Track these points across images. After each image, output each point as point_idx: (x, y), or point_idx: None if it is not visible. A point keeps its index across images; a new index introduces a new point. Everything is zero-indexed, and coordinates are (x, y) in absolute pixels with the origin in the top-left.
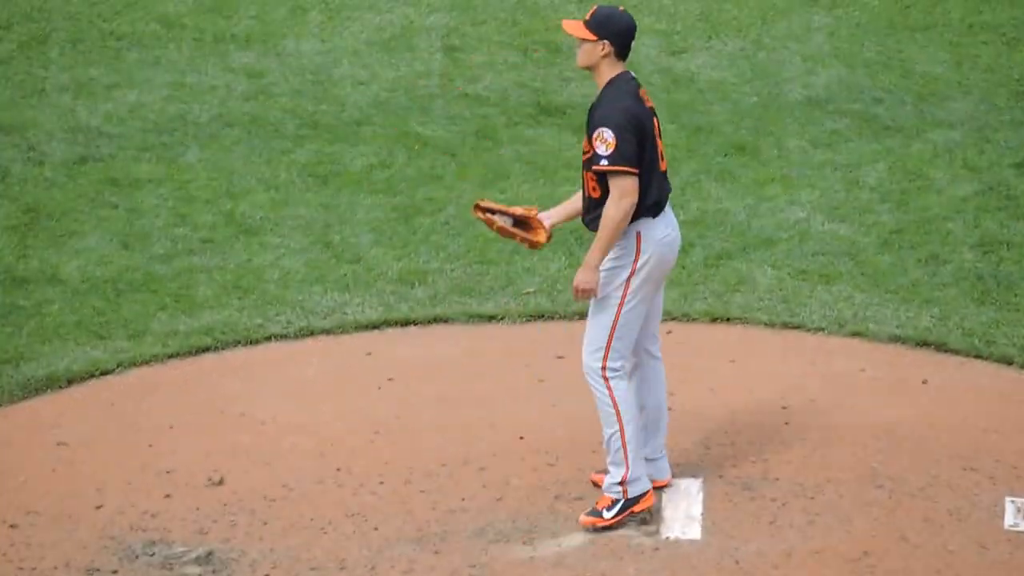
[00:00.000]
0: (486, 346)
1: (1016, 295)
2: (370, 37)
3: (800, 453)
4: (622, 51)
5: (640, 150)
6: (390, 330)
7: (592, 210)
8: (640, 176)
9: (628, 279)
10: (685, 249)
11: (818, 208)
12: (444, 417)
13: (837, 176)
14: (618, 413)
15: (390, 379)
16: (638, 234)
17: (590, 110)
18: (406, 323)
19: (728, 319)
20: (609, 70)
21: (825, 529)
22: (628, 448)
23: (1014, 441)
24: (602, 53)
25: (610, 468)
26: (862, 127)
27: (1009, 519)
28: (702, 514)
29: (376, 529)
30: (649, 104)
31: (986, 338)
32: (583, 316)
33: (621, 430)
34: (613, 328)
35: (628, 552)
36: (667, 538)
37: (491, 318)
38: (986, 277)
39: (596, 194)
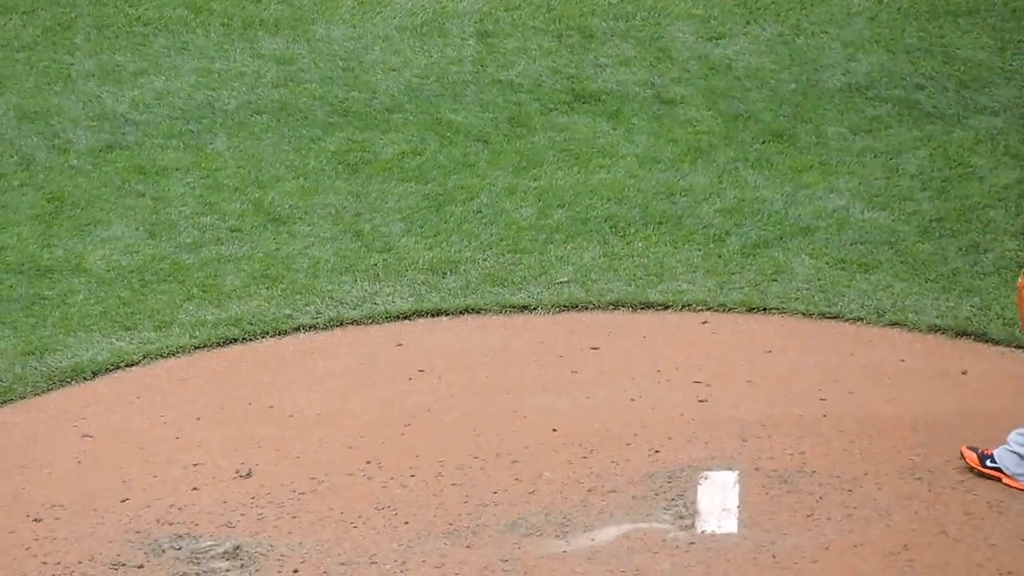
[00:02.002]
0: (518, 337)
1: None
2: (402, 22)
3: (838, 446)
4: None
5: None
6: (421, 320)
7: None
8: None
9: None
10: (721, 238)
11: (857, 196)
12: (476, 409)
13: (877, 163)
14: None
15: (421, 370)
16: None
17: None
18: (437, 313)
19: (765, 309)
20: None
21: (863, 522)
22: None
23: None
24: None
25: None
26: (903, 114)
27: None
28: (738, 507)
29: (407, 523)
30: None
31: None
32: (617, 306)
33: None
34: None
35: (663, 546)
36: (702, 532)
37: (524, 308)
38: None
39: None
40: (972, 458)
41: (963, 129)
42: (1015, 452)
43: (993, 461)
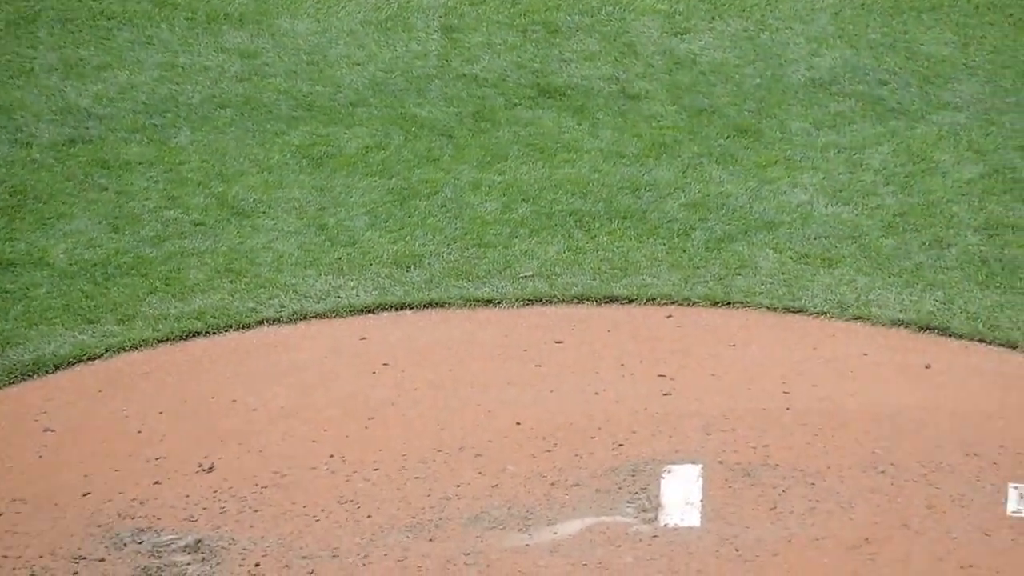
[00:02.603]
0: (482, 331)
1: (1021, 279)
2: (366, 17)
3: (801, 439)
4: None
5: None
6: (385, 314)
7: None
8: None
9: None
10: (686, 232)
11: (821, 191)
12: (439, 403)
13: (841, 158)
14: None
15: (385, 364)
16: None
17: None
18: (401, 307)
19: (729, 303)
20: None
21: (826, 515)
22: None
23: (1018, 427)
24: None
25: None
26: (866, 109)
27: (1012, 505)
28: (701, 501)
29: (369, 517)
30: None
31: (990, 322)
32: (582, 300)
33: None
34: None
35: (626, 539)
36: (665, 525)
37: (488, 302)
38: (991, 260)
39: None
40: None
41: (926, 124)
42: None
43: None
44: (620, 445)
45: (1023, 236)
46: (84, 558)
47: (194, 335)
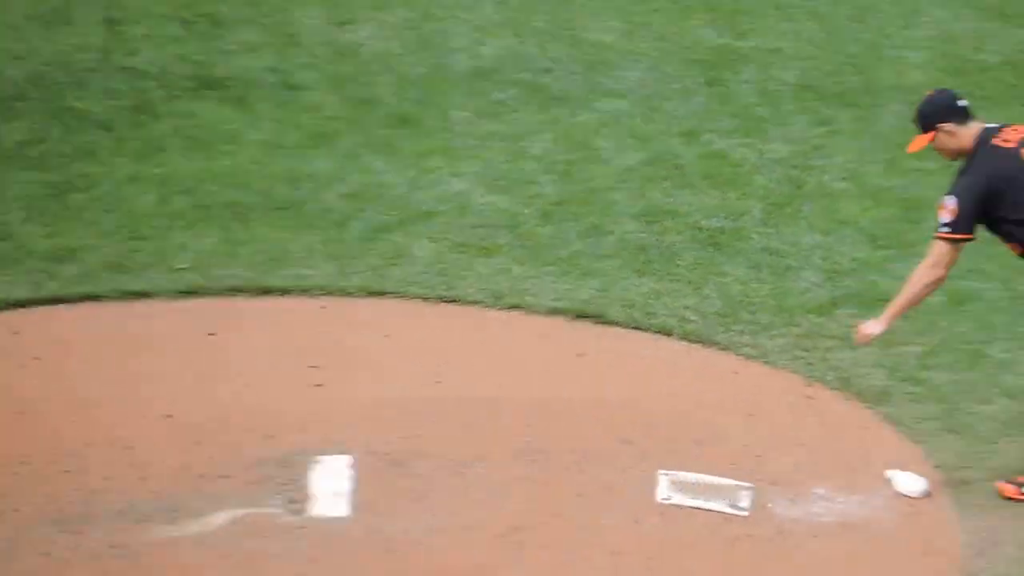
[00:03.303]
0: (137, 324)
1: (678, 265)
2: (28, 10)
3: (453, 429)
4: (960, 118)
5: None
6: (39, 308)
7: None
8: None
9: None
10: (343, 223)
11: (479, 180)
12: (91, 396)
13: (501, 147)
14: None
15: (36, 358)
16: None
17: None
18: (55, 301)
19: (384, 293)
20: (966, 138)
21: (475, 504)
22: None
23: (670, 414)
24: (950, 136)
25: None
26: (529, 97)
27: (662, 492)
28: (351, 491)
29: (16, 511)
30: (1010, 143)
31: (646, 309)
32: (237, 293)
33: None
34: None
35: (273, 530)
36: (314, 516)
37: (142, 295)
38: (648, 248)
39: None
40: (1011, 490)
41: (589, 112)
42: None
43: None
44: (271, 437)
45: (681, 223)
46: None
47: None
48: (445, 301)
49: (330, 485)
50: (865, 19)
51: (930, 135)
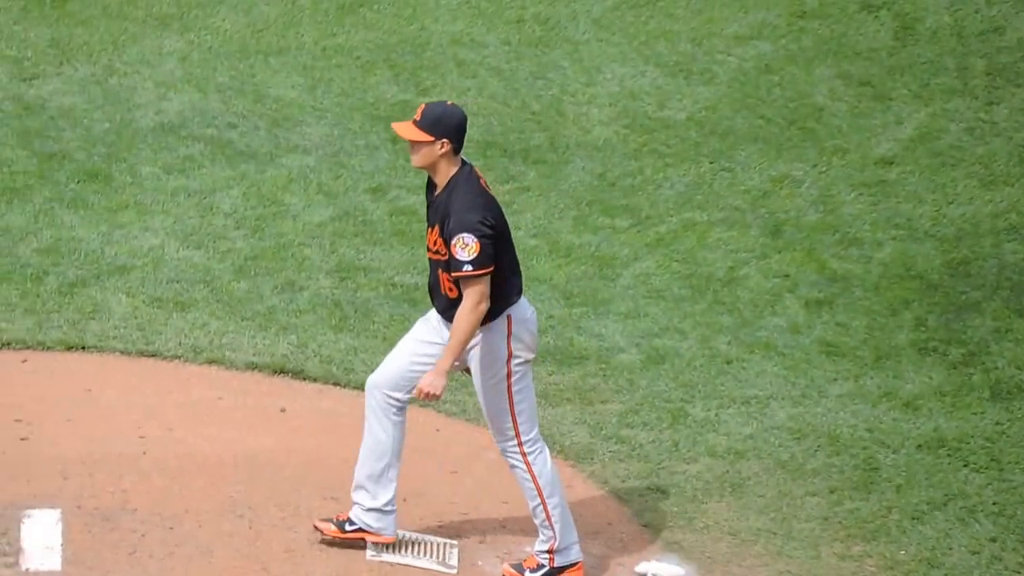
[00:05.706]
0: None
1: (374, 322)
2: None
3: (159, 483)
4: (460, 145)
5: (500, 243)
6: None
7: (451, 307)
8: (504, 265)
9: (507, 361)
10: (39, 277)
11: (172, 235)
12: None
13: (191, 202)
14: (537, 486)
15: None
16: (508, 317)
17: (438, 207)
18: None
19: (84, 347)
20: (449, 166)
21: (185, 560)
22: (553, 517)
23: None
24: (441, 152)
25: (540, 533)
26: (216, 153)
27: (371, 550)
28: (62, 545)
29: None
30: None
31: (344, 365)
32: None
33: (543, 502)
34: (511, 408)
35: None
36: (27, 570)
37: None
38: (343, 304)
39: (453, 294)
40: (330, 529)
41: (276, 167)
42: (373, 509)
43: (352, 524)
44: None
45: (374, 279)
46: None
47: None
48: (144, 355)
49: (41, 539)
50: (547, 75)
51: (432, 140)
